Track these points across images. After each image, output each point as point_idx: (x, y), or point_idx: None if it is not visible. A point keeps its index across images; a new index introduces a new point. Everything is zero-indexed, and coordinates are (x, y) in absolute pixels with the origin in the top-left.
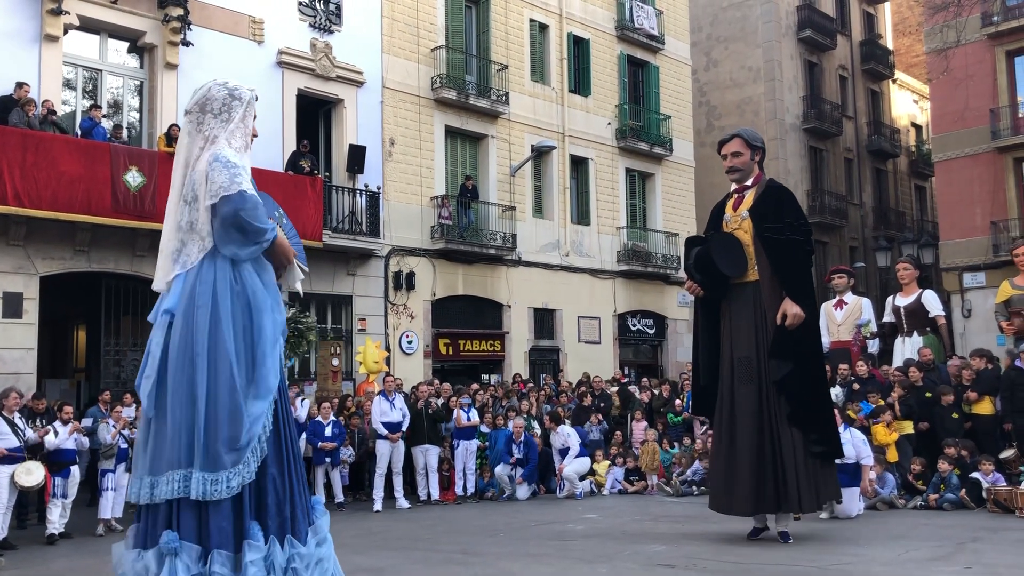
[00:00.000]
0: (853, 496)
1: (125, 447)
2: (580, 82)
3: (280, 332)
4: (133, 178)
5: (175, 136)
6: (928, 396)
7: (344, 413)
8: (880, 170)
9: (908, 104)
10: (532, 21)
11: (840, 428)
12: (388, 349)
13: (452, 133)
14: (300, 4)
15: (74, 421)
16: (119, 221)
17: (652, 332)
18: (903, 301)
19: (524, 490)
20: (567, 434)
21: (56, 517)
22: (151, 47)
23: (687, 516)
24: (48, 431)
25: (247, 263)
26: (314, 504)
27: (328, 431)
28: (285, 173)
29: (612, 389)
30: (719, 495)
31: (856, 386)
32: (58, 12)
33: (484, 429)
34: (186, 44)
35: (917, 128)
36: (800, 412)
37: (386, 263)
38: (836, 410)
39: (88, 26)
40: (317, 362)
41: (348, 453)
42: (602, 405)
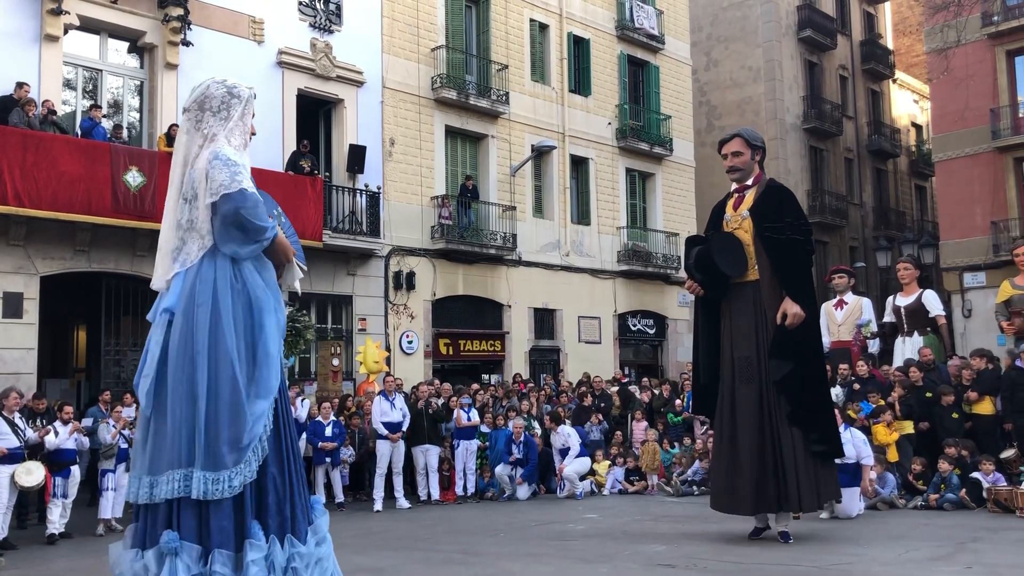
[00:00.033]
0: (853, 496)
1: (125, 447)
2: (580, 82)
3: (282, 331)
4: (133, 178)
5: (175, 136)
6: (928, 396)
7: (344, 413)
8: (880, 170)
9: (908, 104)
10: (532, 21)
11: (840, 428)
12: (388, 349)
13: (452, 133)
14: (300, 4)
15: (74, 421)
16: (119, 221)
17: (652, 332)
18: (903, 301)
19: (524, 490)
20: (567, 434)
21: (56, 517)
22: (151, 47)
23: (687, 516)
24: (48, 431)
25: (247, 261)
26: (313, 504)
27: (328, 431)
28: (285, 173)
29: (612, 389)
30: (720, 495)
31: (856, 386)
32: (58, 12)
33: (484, 429)
34: (186, 44)
35: (917, 128)
36: (800, 412)
37: (386, 263)
38: (836, 410)
39: (88, 26)
40: (317, 362)
41: (348, 453)
42: (602, 405)
